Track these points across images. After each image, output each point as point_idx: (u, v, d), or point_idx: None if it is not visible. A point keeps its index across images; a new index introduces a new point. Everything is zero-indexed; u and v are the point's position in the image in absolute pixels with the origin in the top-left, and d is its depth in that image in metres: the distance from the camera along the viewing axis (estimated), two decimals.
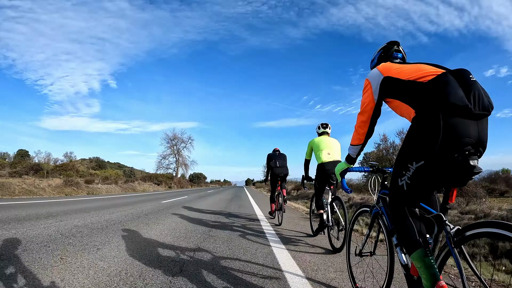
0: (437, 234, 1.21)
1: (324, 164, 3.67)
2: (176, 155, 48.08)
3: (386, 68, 1.48)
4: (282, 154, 5.89)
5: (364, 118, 1.56)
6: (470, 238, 1.08)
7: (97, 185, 17.97)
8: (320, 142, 3.88)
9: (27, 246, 2.80)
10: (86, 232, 3.70)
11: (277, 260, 2.71)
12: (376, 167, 1.91)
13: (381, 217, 1.74)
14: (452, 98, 1.08)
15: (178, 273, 2.20)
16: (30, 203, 7.62)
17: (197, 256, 2.72)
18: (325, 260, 2.81)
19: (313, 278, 2.24)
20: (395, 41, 1.79)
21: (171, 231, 4.02)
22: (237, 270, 2.35)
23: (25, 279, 1.94)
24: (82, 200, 9.40)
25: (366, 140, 1.64)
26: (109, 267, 2.27)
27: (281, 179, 5.61)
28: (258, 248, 3.16)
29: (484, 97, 1.12)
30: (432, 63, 1.36)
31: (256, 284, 2.05)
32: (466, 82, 1.12)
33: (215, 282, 2.04)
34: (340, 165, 1.81)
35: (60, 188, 13.66)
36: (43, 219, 4.64)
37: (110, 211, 6.28)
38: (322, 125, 4.11)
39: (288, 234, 4.18)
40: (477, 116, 1.10)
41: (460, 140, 1.09)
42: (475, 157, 1.11)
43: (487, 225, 1.03)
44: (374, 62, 1.87)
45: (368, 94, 1.52)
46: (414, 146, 1.20)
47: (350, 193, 2.11)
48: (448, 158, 1.12)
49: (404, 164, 1.24)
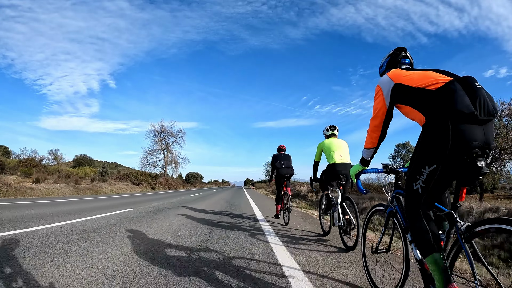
0: (449, 231, 1.31)
1: (336, 164, 3.81)
2: (164, 151, 42.02)
3: (396, 75, 1.57)
4: (287, 154, 6.00)
5: (377, 123, 1.66)
6: (479, 234, 1.18)
7: (33, 185, 13.10)
8: (331, 144, 4.01)
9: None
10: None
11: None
12: (389, 167, 2.00)
13: (395, 216, 1.84)
14: (459, 106, 1.18)
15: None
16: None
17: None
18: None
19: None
20: (403, 47, 1.88)
21: None
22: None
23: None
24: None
25: (379, 143, 1.74)
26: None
27: (287, 180, 5.70)
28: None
29: (489, 103, 1.21)
30: (439, 70, 1.45)
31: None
32: (472, 89, 1.22)
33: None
34: (355, 167, 1.91)
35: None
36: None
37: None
38: (330, 127, 4.23)
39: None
40: (483, 121, 1.20)
41: (468, 144, 1.18)
42: (482, 159, 1.21)
43: (495, 221, 1.12)
44: (383, 68, 1.96)
45: (380, 100, 1.62)
46: (426, 151, 1.30)
47: (366, 194, 2.19)
48: (458, 161, 1.22)
49: (418, 168, 1.33)
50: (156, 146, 42.15)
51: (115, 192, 19.10)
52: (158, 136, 42.29)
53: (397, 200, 1.84)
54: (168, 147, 42.49)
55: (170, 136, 42.50)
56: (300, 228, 4.81)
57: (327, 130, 4.25)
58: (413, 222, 1.39)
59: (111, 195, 15.97)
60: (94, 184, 19.43)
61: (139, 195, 16.53)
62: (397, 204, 1.83)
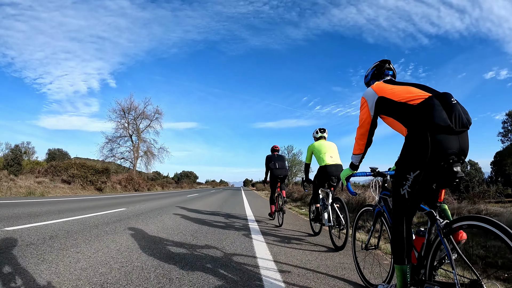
0: (430, 228, 1.49)
1: (327, 166, 3.90)
2: (133, 139, 30.99)
3: (380, 88, 1.76)
4: (281, 155, 6.05)
5: (363, 131, 1.85)
6: (456, 230, 1.35)
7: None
8: (321, 146, 4.14)
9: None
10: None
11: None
12: (376, 171, 2.18)
13: (383, 215, 2.02)
14: (437, 120, 1.36)
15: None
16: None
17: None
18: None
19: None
20: (387, 59, 2.07)
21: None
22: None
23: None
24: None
25: (366, 149, 1.93)
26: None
27: (281, 180, 5.75)
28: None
29: (463, 116, 1.39)
30: (419, 84, 1.64)
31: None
32: (448, 104, 1.40)
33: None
34: (345, 171, 2.08)
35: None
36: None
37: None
38: (320, 130, 4.38)
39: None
40: (458, 132, 1.39)
41: (445, 152, 1.36)
42: (458, 164, 1.39)
43: (470, 219, 1.30)
44: (368, 78, 2.15)
45: (365, 111, 1.81)
46: (410, 159, 1.47)
47: (356, 195, 2.37)
48: (437, 166, 1.39)
49: (403, 174, 1.50)
50: (122, 131, 30.46)
51: (36, 195, 12.04)
52: (124, 118, 30.57)
53: (384, 200, 2.01)
54: (140, 133, 31.38)
55: (142, 119, 31.62)
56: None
57: (316, 132, 4.39)
58: (395, 225, 1.56)
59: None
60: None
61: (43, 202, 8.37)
62: (384, 205, 2.01)
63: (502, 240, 1.12)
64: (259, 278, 2.27)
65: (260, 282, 2.18)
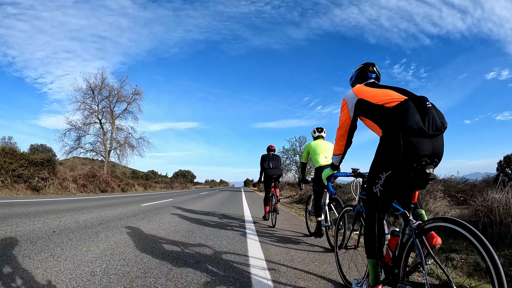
0: (404, 228, 1.52)
1: (321, 167, 3.84)
2: (103, 125, 23.81)
3: (360, 91, 1.79)
4: (276, 155, 5.99)
5: (343, 132, 1.88)
6: (428, 230, 1.38)
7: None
8: (316, 146, 4.10)
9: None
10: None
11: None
12: (357, 172, 2.20)
13: (362, 215, 2.04)
14: (410, 122, 1.39)
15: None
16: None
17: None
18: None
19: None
20: (371, 62, 2.10)
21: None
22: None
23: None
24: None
25: (346, 150, 1.97)
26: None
27: (275, 180, 5.72)
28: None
29: (437, 120, 1.42)
30: (398, 88, 1.67)
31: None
32: (423, 108, 1.42)
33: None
34: (326, 171, 2.10)
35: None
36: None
37: None
38: (317, 129, 4.33)
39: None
40: (431, 135, 1.41)
41: (417, 154, 1.39)
42: (430, 166, 1.42)
43: (441, 220, 1.33)
44: (352, 80, 2.18)
45: (345, 112, 1.83)
46: (383, 159, 1.50)
47: (335, 195, 2.42)
48: (409, 168, 1.42)
49: (376, 174, 1.53)
50: (91, 116, 23.03)
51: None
52: (94, 100, 23.04)
53: (363, 201, 2.04)
54: (114, 118, 23.98)
55: (117, 101, 24.08)
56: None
57: (314, 132, 4.35)
58: (368, 222, 1.61)
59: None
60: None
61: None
62: (363, 205, 2.03)
63: (470, 241, 1.15)
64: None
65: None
